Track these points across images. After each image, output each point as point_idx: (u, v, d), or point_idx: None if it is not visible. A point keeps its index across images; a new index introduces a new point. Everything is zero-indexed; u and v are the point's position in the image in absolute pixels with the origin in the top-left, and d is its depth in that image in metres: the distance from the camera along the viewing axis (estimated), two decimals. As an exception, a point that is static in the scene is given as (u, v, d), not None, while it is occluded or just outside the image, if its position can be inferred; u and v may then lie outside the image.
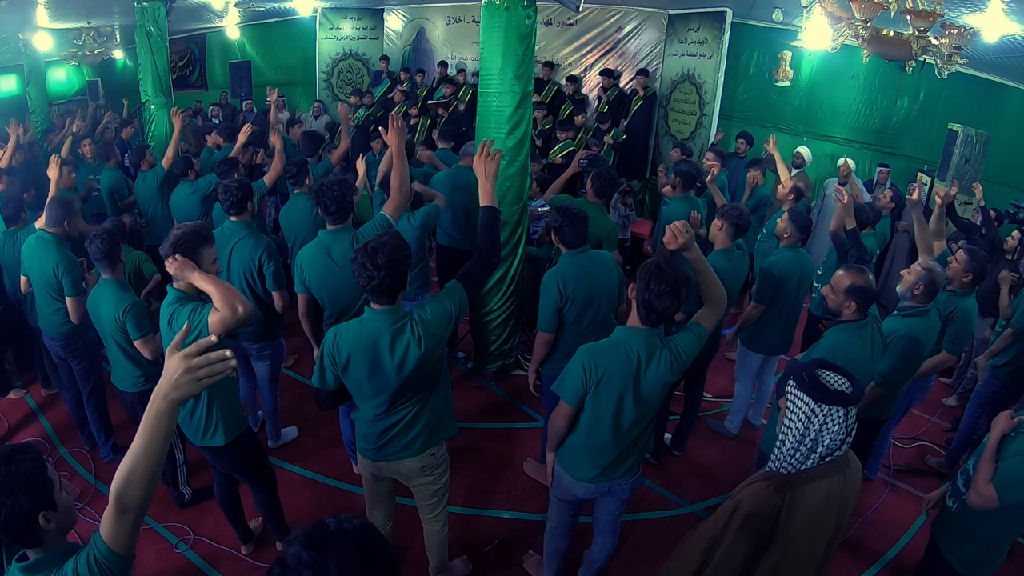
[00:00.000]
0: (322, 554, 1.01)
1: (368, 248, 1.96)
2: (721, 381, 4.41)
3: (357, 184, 3.77)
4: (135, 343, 2.74)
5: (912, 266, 2.86)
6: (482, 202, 2.41)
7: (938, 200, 3.67)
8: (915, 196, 3.41)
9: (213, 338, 1.34)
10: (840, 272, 2.51)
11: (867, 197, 5.34)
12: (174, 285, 2.33)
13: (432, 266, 4.86)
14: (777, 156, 5.01)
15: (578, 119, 7.17)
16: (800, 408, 1.64)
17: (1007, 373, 3.46)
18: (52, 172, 3.69)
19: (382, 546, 1.08)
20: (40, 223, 3.22)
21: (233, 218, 3.21)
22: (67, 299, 3.11)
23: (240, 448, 2.56)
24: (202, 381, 1.28)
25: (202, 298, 2.39)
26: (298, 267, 2.97)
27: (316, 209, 3.70)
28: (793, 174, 5.42)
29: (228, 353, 1.30)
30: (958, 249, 3.32)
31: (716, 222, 3.34)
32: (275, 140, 4.58)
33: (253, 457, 2.69)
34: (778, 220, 3.67)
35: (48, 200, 3.24)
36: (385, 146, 4.39)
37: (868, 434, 3.06)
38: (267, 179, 4.06)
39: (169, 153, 4.75)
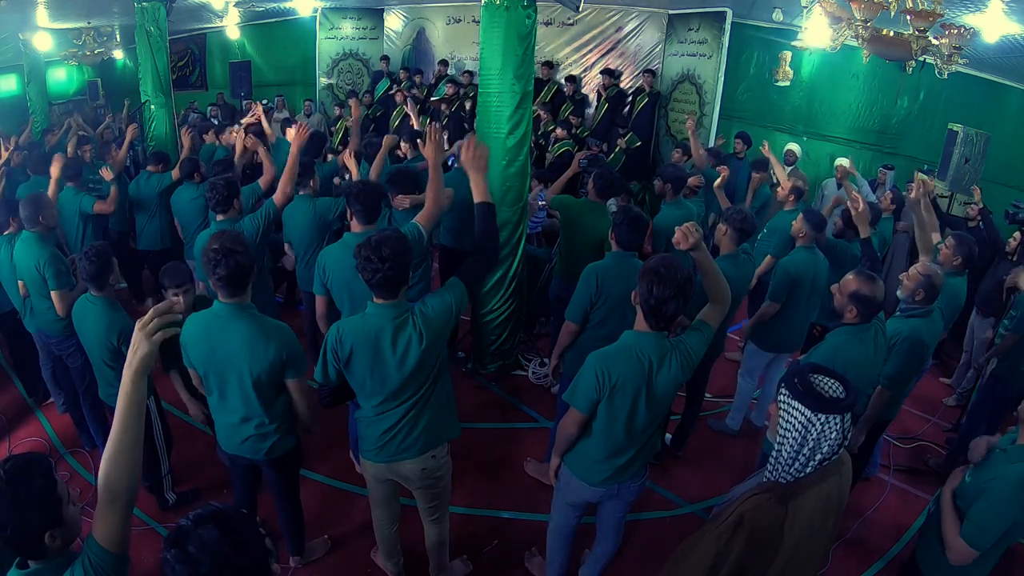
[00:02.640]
0: (183, 547, 1.10)
1: (372, 242, 1.99)
2: (721, 381, 4.40)
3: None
4: None
5: (910, 271, 2.86)
6: (475, 198, 2.35)
7: (922, 190, 3.67)
8: (914, 194, 3.44)
9: (173, 299, 1.37)
10: (850, 276, 2.51)
11: (872, 198, 5.34)
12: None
13: (435, 267, 4.86)
14: (773, 159, 5.02)
15: (574, 120, 7.17)
16: (795, 417, 1.61)
17: (1005, 375, 3.47)
18: (54, 169, 3.73)
19: (239, 518, 1.16)
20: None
21: (220, 217, 3.21)
22: (52, 293, 3.10)
23: (297, 458, 2.58)
24: (153, 336, 1.32)
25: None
26: (320, 268, 2.95)
27: (318, 211, 3.72)
28: (787, 172, 5.43)
29: (173, 298, 1.36)
30: (947, 237, 3.42)
31: (720, 227, 3.33)
32: (262, 153, 4.09)
33: (299, 467, 2.70)
34: (793, 221, 3.69)
35: (21, 202, 3.24)
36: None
37: (871, 435, 3.07)
38: (262, 182, 3.85)
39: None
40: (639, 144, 7.21)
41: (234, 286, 2.17)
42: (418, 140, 4.00)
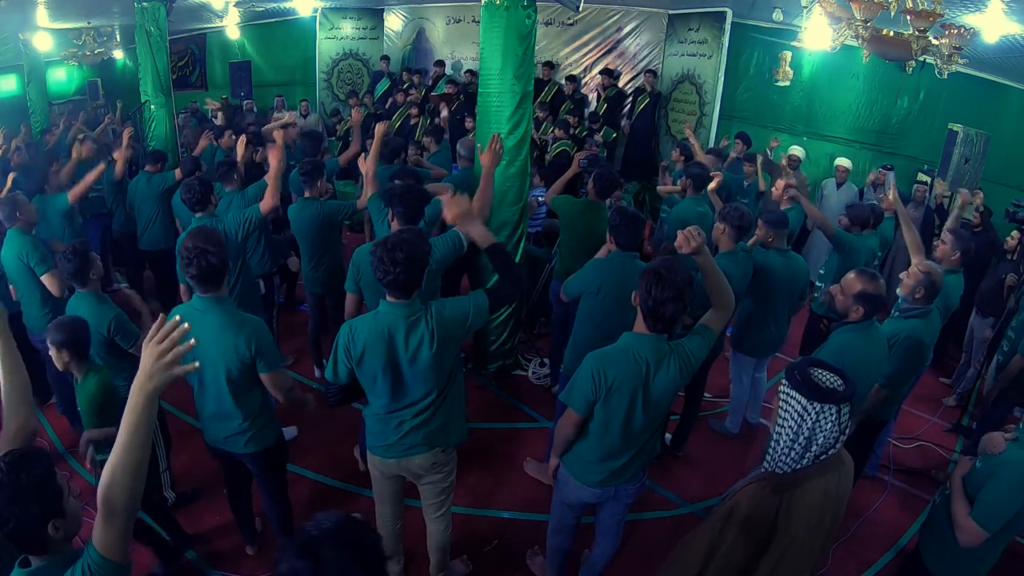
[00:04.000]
0: (317, 561, 1.04)
1: (388, 244, 1.99)
2: (721, 381, 4.40)
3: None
4: (132, 350, 2.79)
5: (910, 269, 2.85)
6: (483, 245, 2.27)
7: (961, 202, 3.78)
8: (891, 195, 3.40)
9: (178, 318, 1.34)
10: (852, 275, 2.51)
11: (872, 199, 5.34)
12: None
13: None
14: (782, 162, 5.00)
15: (571, 120, 7.18)
16: (792, 407, 1.63)
17: (1002, 392, 3.45)
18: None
19: (368, 535, 1.12)
20: None
21: (199, 214, 3.22)
22: (43, 278, 3.14)
23: (278, 452, 2.60)
24: (172, 366, 1.28)
25: None
26: (354, 266, 3.00)
27: (324, 214, 3.72)
28: (791, 175, 5.42)
29: (185, 326, 1.32)
30: (944, 232, 3.45)
31: (718, 225, 3.33)
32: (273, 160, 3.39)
33: (282, 462, 2.72)
34: (755, 232, 3.59)
35: None
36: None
37: (870, 434, 3.07)
38: (263, 207, 3.25)
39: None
40: (615, 136, 7.30)
41: (207, 283, 2.24)
42: (473, 147, 4.06)
